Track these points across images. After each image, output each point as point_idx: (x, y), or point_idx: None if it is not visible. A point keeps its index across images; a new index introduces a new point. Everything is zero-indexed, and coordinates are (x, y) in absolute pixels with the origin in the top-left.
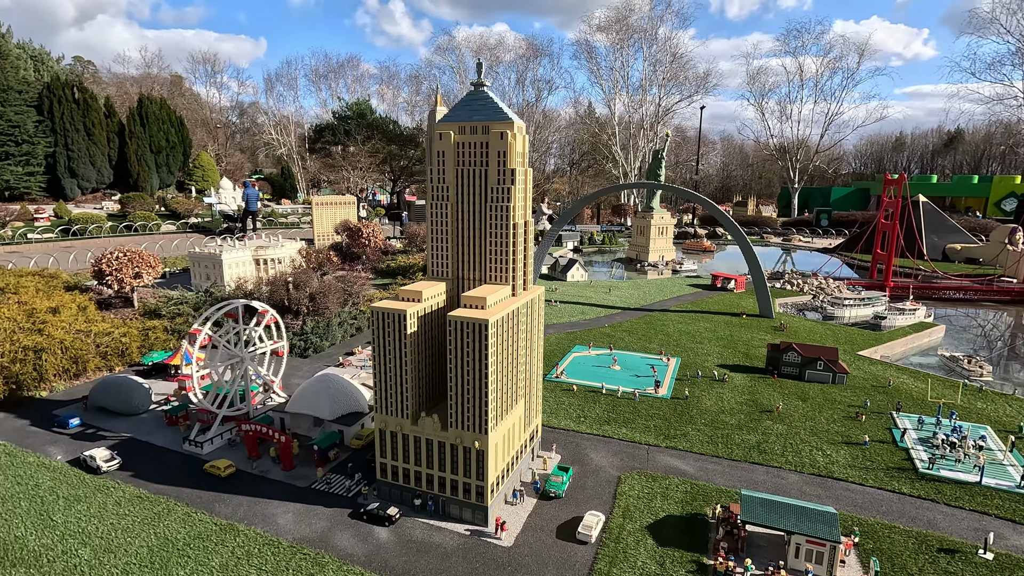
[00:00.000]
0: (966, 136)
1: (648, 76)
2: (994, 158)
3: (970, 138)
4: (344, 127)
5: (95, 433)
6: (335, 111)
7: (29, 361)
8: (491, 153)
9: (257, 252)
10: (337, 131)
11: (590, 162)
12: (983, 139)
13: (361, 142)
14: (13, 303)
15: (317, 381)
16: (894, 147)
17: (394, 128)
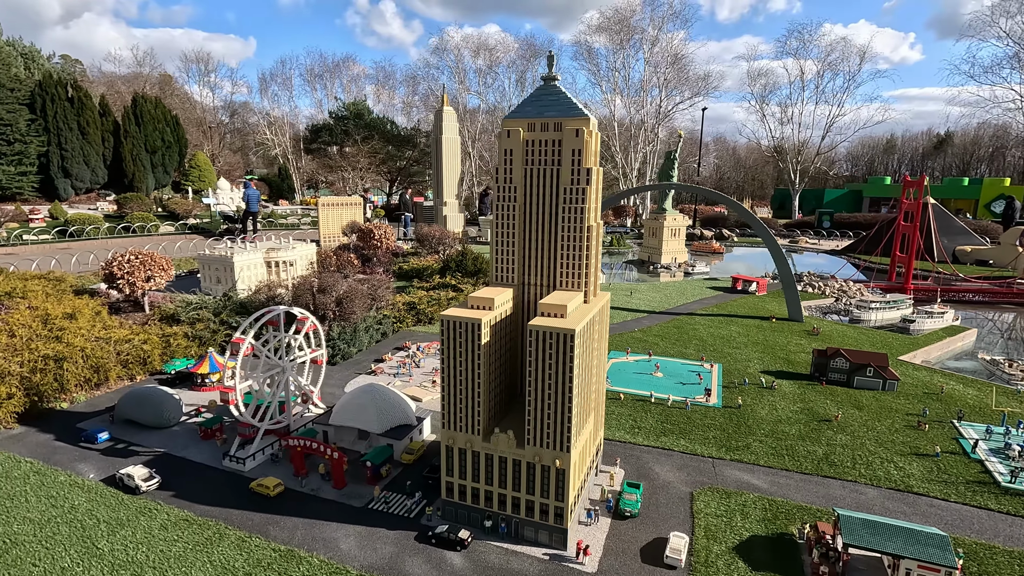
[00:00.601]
0: (955, 139)
1: (648, 77)
2: (982, 160)
3: (959, 141)
4: (341, 127)
5: (126, 448)
6: (332, 111)
7: (50, 371)
8: (564, 151)
9: (268, 254)
10: (334, 131)
11: None
12: (971, 142)
13: (360, 142)
14: (24, 308)
15: (363, 392)
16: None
17: (391, 128)
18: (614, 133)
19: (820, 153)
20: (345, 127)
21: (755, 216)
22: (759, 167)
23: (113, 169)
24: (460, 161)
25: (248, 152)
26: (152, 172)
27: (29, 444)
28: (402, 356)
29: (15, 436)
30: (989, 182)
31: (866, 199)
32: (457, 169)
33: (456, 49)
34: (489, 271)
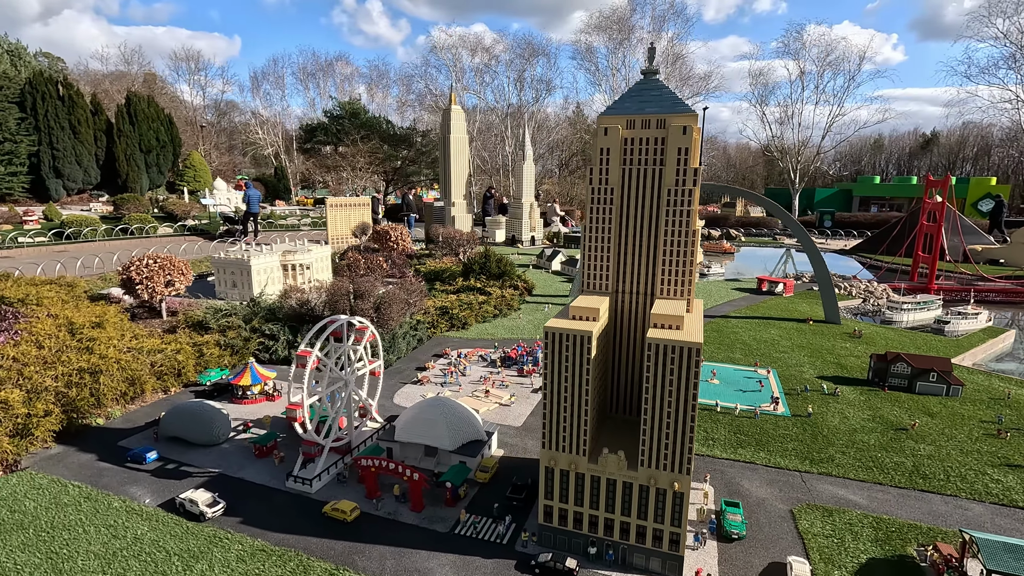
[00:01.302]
0: (941, 139)
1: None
2: (968, 160)
3: (945, 141)
4: (336, 126)
5: (177, 469)
6: (327, 110)
7: (86, 385)
8: (669, 150)
9: (285, 257)
10: (329, 131)
11: (578, 163)
12: (957, 142)
13: (359, 141)
14: (45, 317)
15: (430, 406)
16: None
17: (387, 127)
18: None
19: (820, 153)
20: (340, 126)
21: (792, 217)
22: (749, 167)
23: (106, 169)
24: (468, 161)
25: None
26: (146, 172)
27: (71, 465)
28: (443, 364)
29: (54, 457)
30: (976, 181)
31: (856, 198)
32: (465, 169)
33: (454, 48)
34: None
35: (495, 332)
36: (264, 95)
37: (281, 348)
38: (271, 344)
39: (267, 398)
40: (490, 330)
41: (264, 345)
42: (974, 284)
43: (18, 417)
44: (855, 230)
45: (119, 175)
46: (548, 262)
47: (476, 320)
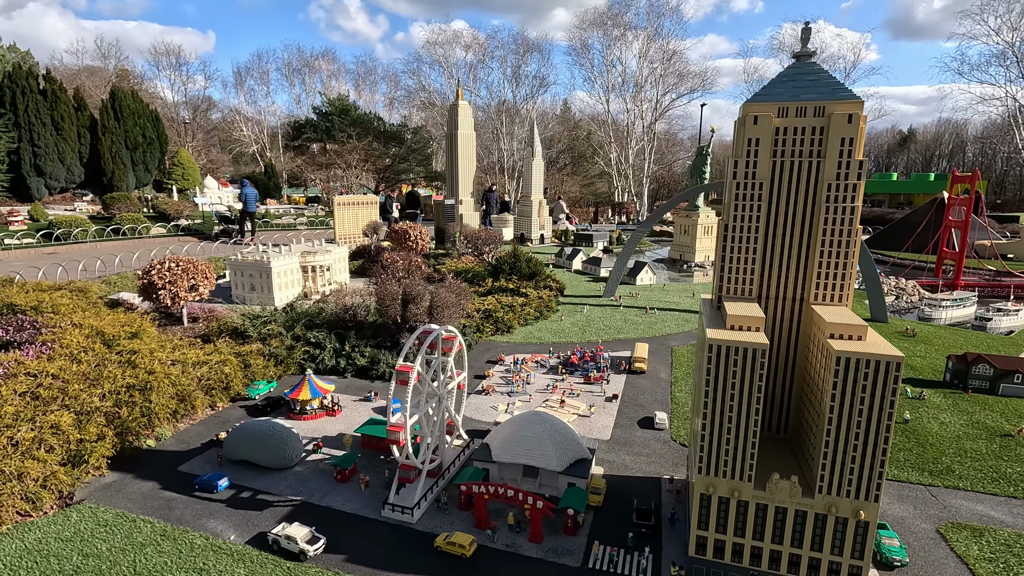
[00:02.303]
0: (917, 136)
1: (644, 74)
2: (943, 156)
3: (921, 138)
4: (325, 124)
5: (253, 497)
6: (315, 107)
7: (137, 403)
8: (830, 140)
9: (305, 259)
10: (318, 128)
11: (568, 160)
12: (933, 139)
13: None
14: (70, 327)
15: (531, 422)
16: None
17: (378, 125)
18: (609, 130)
19: None
20: (330, 123)
21: None
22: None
23: (90, 167)
24: (476, 158)
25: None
26: (133, 170)
27: (133, 496)
28: (502, 371)
29: (111, 486)
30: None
31: None
32: (473, 166)
33: (447, 43)
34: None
35: (541, 335)
36: (248, 91)
37: (328, 357)
38: (317, 353)
39: (327, 413)
40: (535, 333)
41: (309, 354)
42: (999, 280)
43: (70, 442)
44: None
45: (104, 173)
46: (569, 261)
47: (519, 323)
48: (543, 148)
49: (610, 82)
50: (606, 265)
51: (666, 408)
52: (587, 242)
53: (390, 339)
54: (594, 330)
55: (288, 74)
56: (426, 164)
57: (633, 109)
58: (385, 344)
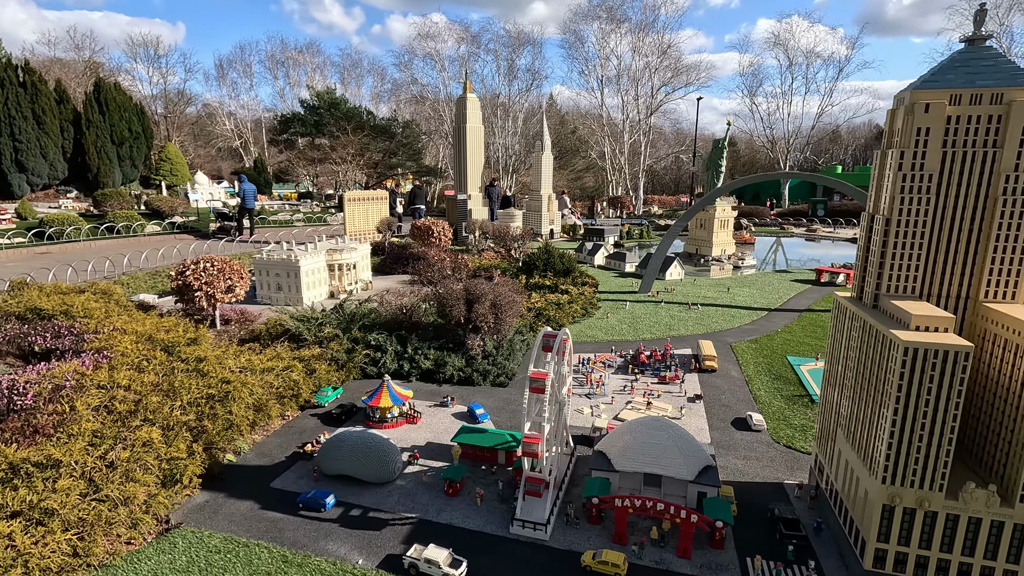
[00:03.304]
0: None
1: (640, 67)
2: None
3: None
4: (314, 117)
5: (365, 515)
6: (303, 100)
7: (219, 415)
8: (1009, 130)
9: (332, 257)
10: (307, 122)
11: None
12: None
13: (348, 132)
14: (115, 333)
15: (652, 428)
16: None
17: (369, 119)
18: (603, 124)
19: (810, 142)
20: (319, 117)
21: None
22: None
23: (73, 163)
24: (484, 151)
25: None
26: (119, 166)
27: (234, 517)
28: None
29: (204, 507)
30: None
31: (819, 188)
32: (481, 160)
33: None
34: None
35: (593, 334)
36: (231, 84)
37: (390, 360)
38: (378, 356)
39: (407, 420)
40: (586, 332)
41: (370, 358)
42: None
43: (163, 460)
44: (843, 219)
45: (89, 169)
46: (591, 256)
47: (568, 321)
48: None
49: (604, 75)
50: (631, 260)
51: (752, 408)
52: (598, 236)
53: (452, 340)
54: (644, 327)
55: (272, 67)
56: (416, 159)
57: (630, 103)
58: (448, 346)
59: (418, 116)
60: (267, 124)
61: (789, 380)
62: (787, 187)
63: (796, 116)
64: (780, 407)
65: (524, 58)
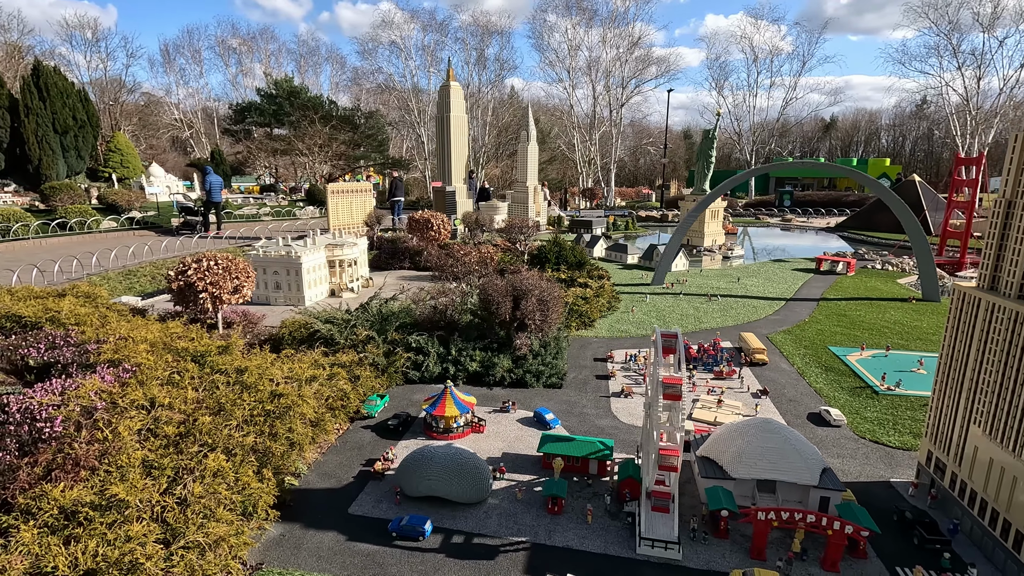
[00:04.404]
0: (838, 123)
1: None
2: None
3: (841, 125)
4: (272, 107)
5: (469, 542)
6: (260, 89)
7: (280, 434)
8: None
9: (333, 253)
10: (265, 111)
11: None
12: (851, 126)
13: (317, 122)
14: (117, 340)
15: (766, 431)
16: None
17: (332, 108)
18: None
19: (775, 135)
20: (278, 107)
21: (895, 197)
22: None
23: (11, 153)
24: (468, 141)
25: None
26: (63, 157)
27: (322, 553)
28: (618, 368)
29: (283, 541)
30: (873, 162)
31: (772, 179)
32: (465, 150)
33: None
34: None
35: (625, 328)
36: (179, 71)
37: (432, 363)
38: (420, 359)
39: (472, 430)
40: (617, 326)
41: (413, 362)
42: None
43: (235, 491)
44: (811, 208)
45: (30, 160)
46: (589, 248)
47: (597, 315)
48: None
49: (573, 65)
50: (632, 252)
51: (817, 401)
52: (585, 228)
53: (496, 340)
54: (673, 321)
55: (223, 53)
56: (381, 150)
57: (601, 93)
58: (492, 346)
59: (384, 106)
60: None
61: (841, 371)
62: (753, 179)
63: (761, 109)
64: (847, 400)
65: (493, 47)
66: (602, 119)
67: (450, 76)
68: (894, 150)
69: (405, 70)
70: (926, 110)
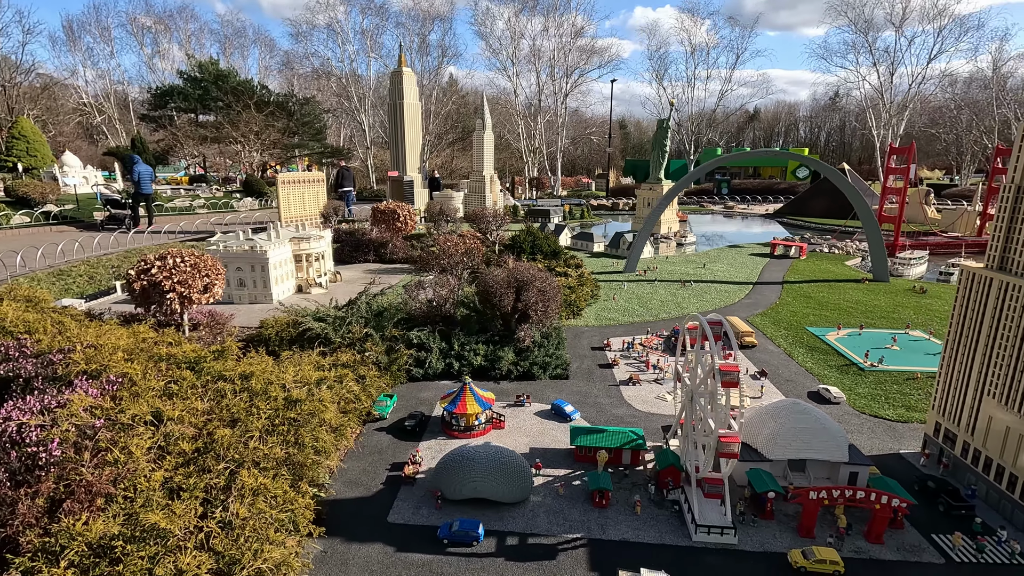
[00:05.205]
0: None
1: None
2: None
3: (763, 116)
4: (197, 91)
5: (524, 543)
6: (183, 72)
7: (306, 444)
8: None
9: (300, 246)
10: (190, 96)
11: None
12: (772, 118)
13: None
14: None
15: (796, 412)
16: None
17: (264, 94)
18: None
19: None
20: (203, 91)
21: (852, 185)
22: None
23: None
24: (421, 129)
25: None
26: None
27: (373, 567)
28: (620, 355)
29: (328, 558)
30: (794, 151)
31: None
32: (419, 138)
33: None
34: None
35: (612, 316)
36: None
37: (435, 360)
38: (423, 356)
39: (493, 426)
40: (603, 314)
41: (415, 358)
42: (923, 239)
43: (280, 507)
44: (748, 195)
45: None
46: (554, 237)
47: (584, 304)
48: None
49: (517, 55)
50: (598, 240)
51: (811, 380)
52: (544, 217)
53: (497, 333)
54: (656, 307)
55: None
56: (319, 138)
57: (547, 83)
58: (494, 339)
59: (321, 92)
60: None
61: (825, 351)
62: (694, 167)
63: (699, 100)
64: (837, 378)
65: (435, 33)
66: (547, 108)
67: (402, 62)
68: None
69: (343, 55)
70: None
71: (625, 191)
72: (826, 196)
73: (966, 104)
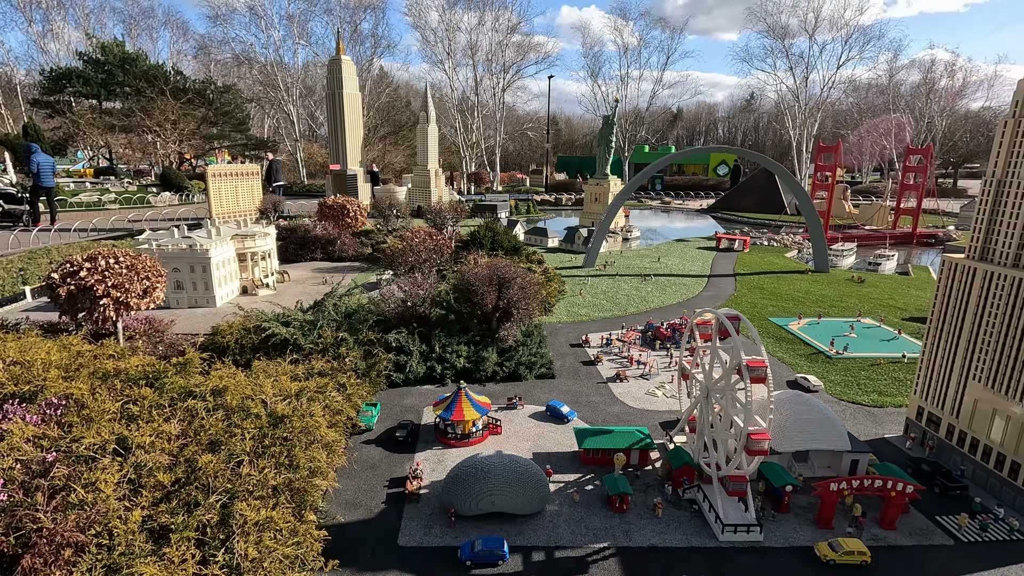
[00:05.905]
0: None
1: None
2: (701, 133)
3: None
4: (100, 75)
5: (552, 559)
6: (83, 53)
7: (301, 465)
8: None
9: (244, 245)
10: (91, 80)
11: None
12: (694, 118)
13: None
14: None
15: (800, 404)
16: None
17: (178, 80)
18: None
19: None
20: (108, 75)
21: (798, 182)
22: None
23: None
24: (361, 120)
25: None
26: None
27: None
28: (602, 351)
29: None
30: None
31: (631, 166)
32: (360, 129)
33: None
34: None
35: (584, 312)
36: None
37: (416, 363)
38: (403, 360)
39: (490, 431)
40: (574, 311)
41: (395, 363)
42: (849, 232)
43: (286, 540)
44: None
45: None
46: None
47: (554, 300)
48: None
49: (454, 48)
50: (552, 235)
51: (786, 370)
52: (491, 212)
53: (478, 333)
54: (623, 302)
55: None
56: (241, 129)
57: (485, 76)
58: (475, 339)
59: (242, 80)
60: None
61: (791, 340)
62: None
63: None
64: (808, 366)
65: (367, 22)
66: (484, 103)
67: (340, 49)
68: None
69: (267, 41)
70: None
71: (563, 187)
72: (755, 192)
73: (867, 108)
